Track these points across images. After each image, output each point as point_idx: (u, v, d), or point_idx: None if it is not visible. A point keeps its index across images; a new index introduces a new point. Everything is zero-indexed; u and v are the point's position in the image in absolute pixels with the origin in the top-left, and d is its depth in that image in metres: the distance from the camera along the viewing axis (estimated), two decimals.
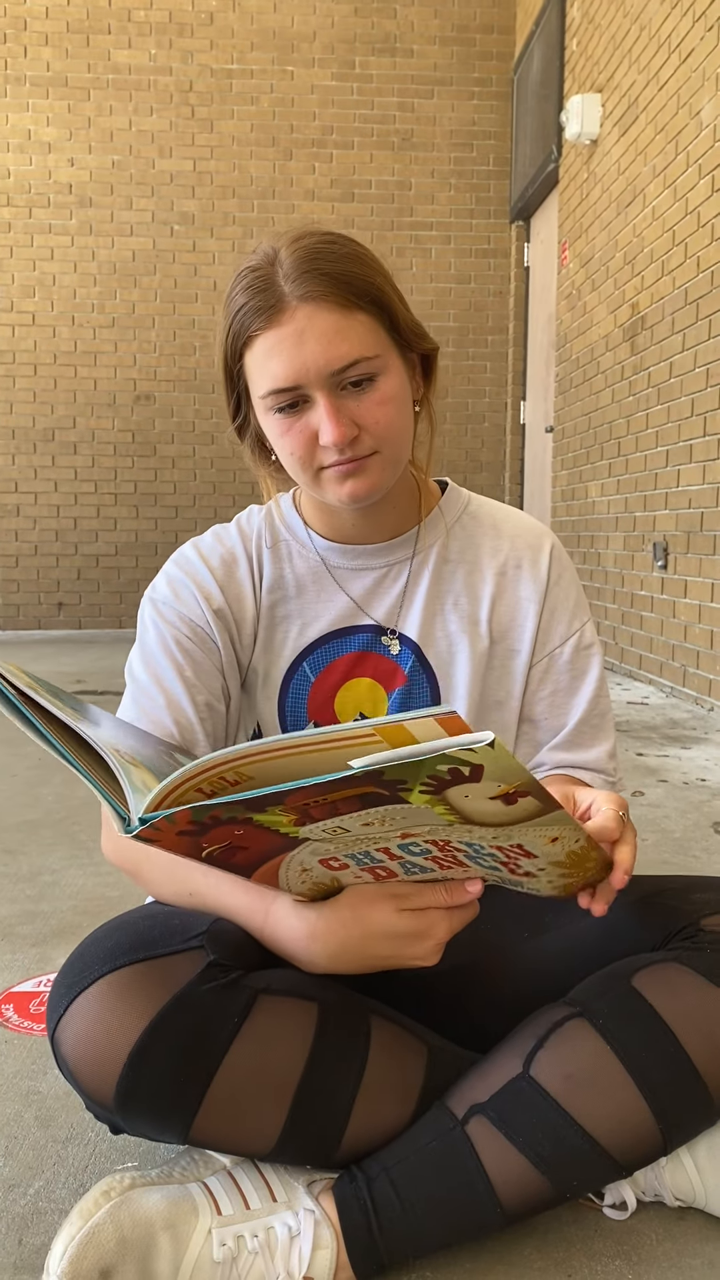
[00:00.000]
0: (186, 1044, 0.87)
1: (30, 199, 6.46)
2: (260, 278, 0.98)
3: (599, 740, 1.15)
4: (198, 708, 1.06)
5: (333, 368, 0.97)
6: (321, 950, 0.89)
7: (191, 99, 6.45)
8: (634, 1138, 0.90)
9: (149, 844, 0.73)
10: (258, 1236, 0.88)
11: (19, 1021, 1.44)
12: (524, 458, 6.82)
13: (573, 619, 1.15)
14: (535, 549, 1.15)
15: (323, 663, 1.12)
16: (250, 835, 0.74)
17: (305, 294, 0.96)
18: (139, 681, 1.08)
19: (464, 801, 0.67)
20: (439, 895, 0.86)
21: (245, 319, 0.98)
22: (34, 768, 3.01)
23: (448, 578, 1.13)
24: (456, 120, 6.59)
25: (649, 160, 4.30)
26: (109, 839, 1.06)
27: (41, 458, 6.61)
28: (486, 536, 1.15)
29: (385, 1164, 0.92)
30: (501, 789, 0.66)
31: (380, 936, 0.87)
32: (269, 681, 1.12)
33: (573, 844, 0.76)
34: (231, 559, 1.13)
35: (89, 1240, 0.82)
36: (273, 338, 0.97)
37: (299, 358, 0.97)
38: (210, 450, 6.66)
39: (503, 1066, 0.94)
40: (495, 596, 1.13)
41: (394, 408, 1.01)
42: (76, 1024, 0.88)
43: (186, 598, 1.10)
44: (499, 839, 0.73)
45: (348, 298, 0.97)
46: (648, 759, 3.06)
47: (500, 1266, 0.95)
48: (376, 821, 0.72)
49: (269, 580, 1.12)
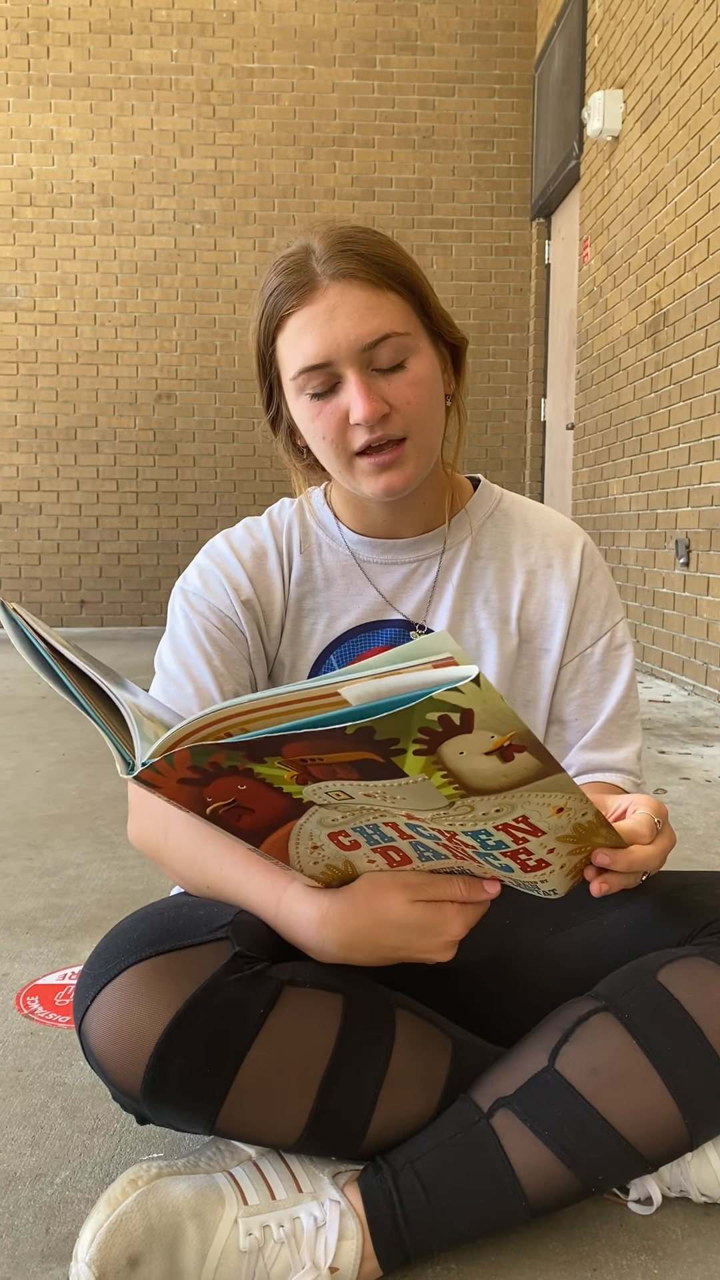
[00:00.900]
0: (213, 1035, 0.87)
1: (53, 198, 6.50)
2: (294, 261, 1.00)
3: (626, 741, 1.15)
4: (225, 697, 1.07)
5: (364, 342, 0.97)
6: (331, 937, 0.87)
7: (213, 98, 6.46)
8: (659, 1133, 0.90)
9: (152, 789, 0.72)
10: (284, 1227, 0.88)
11: (44, 1014, 1.45)
12: (544, 455, 6.81)
13: (604, 619, 1.15)
14: (567, 548, 1.15)
15: (350, 656, 1.12)
16: (254, 792, 0.72)
17: (337, 272, 0.97)
18: (168, 671, 1.09)
19: (460, 759, 0.65)
20: (456, 889, 0.85)
21: (278, 299, 1.00)
22: (57, 764, 3.03)
23: (478, 574, 1.13)
24: (477, 117, 6.58)
25: (671, 156, 4.28)
26: (136, 826, 1.06)
27: (64, 456, 6.65)
28: (518, 534, 1.15)
29: (410, 1156, 0.92)
30: (495, 741, 0.63)
31: (392, 926, 0.85)
32: (295, 673, 1.12)
33: (579, 816, 0.74)
34: (262, 551, 1.13)
35: (117, 1228, 0.83)
36: (305, 315, 0.98)
37: (330, 333, 0.97)
38: (231, 448, 6.67)
39: (528, 1060, 0.94)
40: (525, 594, 1.13)
41: (425, 390, 1.01)
42: (104, 1015, 0.88)
43: (216, 588, 1.11)
44: (503, 813, 0.71)
45: (379, 276, 0.98)
46: (669, 757, 3.05)
47: (525, 1260, 0.95)
48: (379, 795, 0.70)
49: (298, 573, 1.13)
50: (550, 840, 0.76)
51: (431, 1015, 1.01)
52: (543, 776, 0.68)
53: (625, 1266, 0.95)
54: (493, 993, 1.07)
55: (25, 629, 0.77)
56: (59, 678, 0.76)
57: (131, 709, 0.75)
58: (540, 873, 0.80)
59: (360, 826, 0.78)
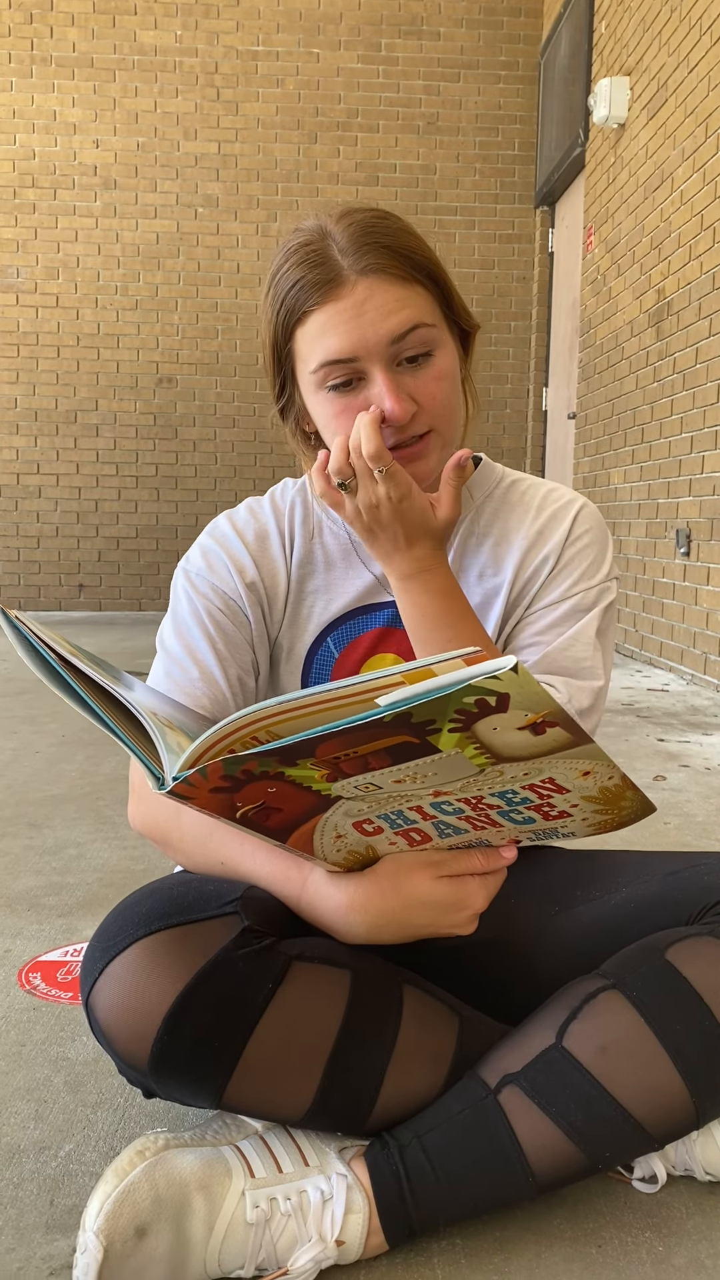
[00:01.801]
0: (221, 1008, 0.87)
1: (55, 180, 6.47)
2: (314, 252, 0.97)
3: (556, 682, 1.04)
4: (230, 681, 1.06)
5: (393, 334, 0.96)
6: (360, 920, 0.89)
7: (217, 81, 6.43)
8: (667, 1110, 0.90)
9: (183, 801, 0.73)
10: (290, 1199, 0.88)
11: (47, 990, 1.45)
12: (545, 444, 6.80)
13: (581, 579, 1.09)
14: (564, 510, 1.11)
15: (347, 638, 1.12)
16: (283, 793, 0.73)
17: (365, 267, 0.96)
18: (171, 653, 1.08)
19: (493, 734, 0.66)
20: (475, 861, 0.87)
21: (299, 295, 0.97)
22: (56, 745, 3.03)
23: (473, 550, 1.12)
24: (482, 104, 6.55)
25: (678, 144, 4.26)
26: (138, 809, 1.06)
27: (63, 440, 6.63)
28: (517, 509, 1.13)
29: (417, 1131, 0.92)
30: (529, 718, 0.65)
31: (419, 905, 0.87)
32: (293, 656, 1.12)
33: (605, 780, 0.75)
34: (264, 533, 1.12)
35: (125, 1198, 0.83)
36: (330, 311, 0.96)
37: (358, 329, 0.96)
38: (232, 434, 6.66)
39: (535, 1037, 0.94)
40: (520, 566, 1.11)
41: (449, 384, 1.01)
42: (111, 987, 0.88)
43: (220, 569, 1.10)
44: (530, 775, 0.72)
45: (407, 270, 0.97)
46: (669, 745, 3.05)
47: (530, 1236, 0.96)
48: (408, 778, 0.72)
49: (299, 555, 1.12)
50: (575, 798, 0.77)
51: (439, 992, 1.01)
52: (572, 747, 0.69)
53: (630, 1243, 0.95)
54: (499, 973, 1.07)
55: (30, 636, 0.77)
56: (70, 687, 0.77)
57: (153, 720, 0.76)
58: (562, 820, 0.81)
59: (385, 813, 0.79)
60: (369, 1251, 0.91)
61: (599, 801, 0.79)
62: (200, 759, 0.69)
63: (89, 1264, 0.80)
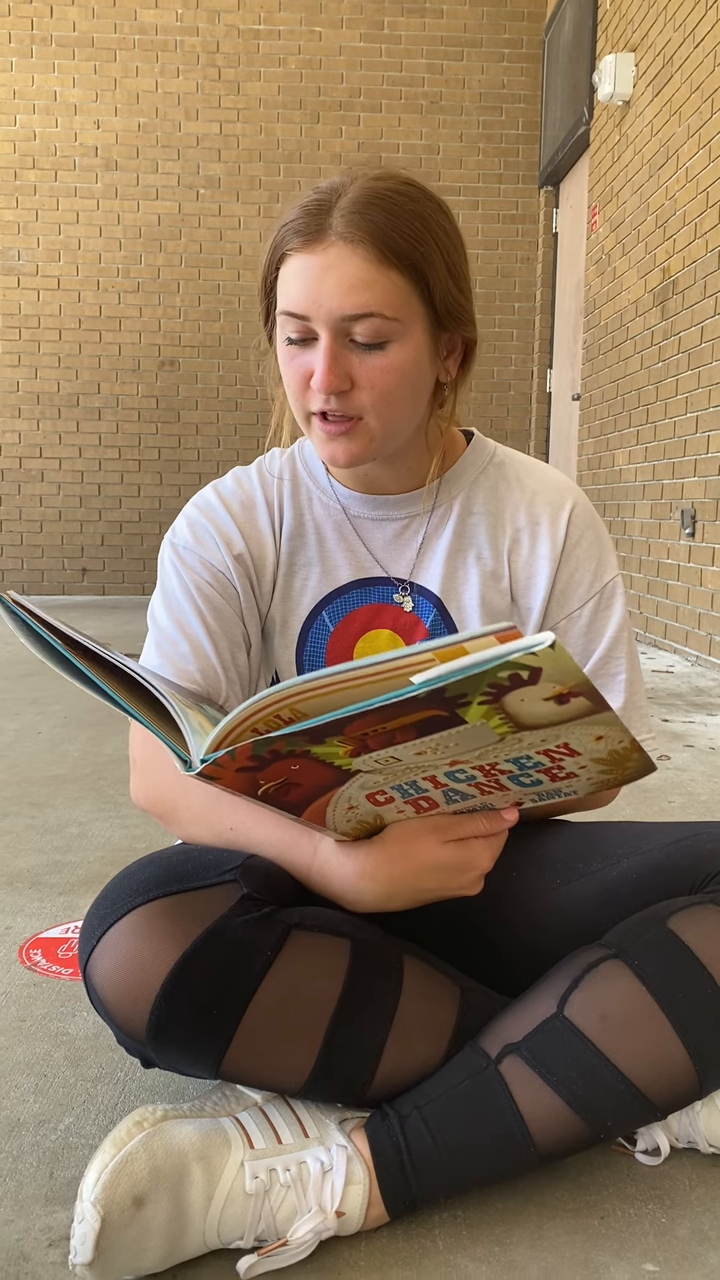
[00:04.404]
0: (219, 976, 0.86)
1: (56, 162, 6.43)
2: (317, 201, 0.95)
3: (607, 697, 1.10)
4: (221, 654, 1.05)
5: (344, 312, 0.93)
6: (371, 888, 0.89)
7: (218, 60, 6.38)
8: (670, 1079, 0.89)
9: (210, 782, 0.74)
10: (290, 1170, 0.88)
11: (47, 966, 1.44)
12: (549, 426, 6.76)
13: (594, 580, 1.10)
14: (556, 507, 1.10)
15: (342, 612, 1.10)
16: (306, 770, 0.74)
17: (345, 234, 0.93)
18: (162, 628, 1.07)
19: (520, 706, 0.68)
20: (479, 825, 0.88)
21: (286, 234, 0.96)
22: (59, 726, 3.02)
23: (471, 531, 1.10)
24: (486, 83, 6.49)
25: (683, 120, 4.22)
26: (141, 783, 1.05)
27: (66, 423, 6.61)
28: (510, 489, 1.11)
29: (418, 1102, 0.91)
30: (556, 689, 0.67)
31: (428, 869, 0.88)
32: (287, 630, 1.11)
33: (616, 743, 0.76)
34: (251, 503, 1.10)
35: (122, 1168, 0.82)
36: (301, 261, 0.95)
37: (316, 291, 0.94)
38: (234, 416, 6.63)
39: (537, 1007, 0.93)
40: (513, 551, 1.09)
41: (397, 379, 0.96)
42: (109, 955, 0.87)
43: (207, 542, 1.08)
44: (547, 741, 0.74)
45: (385, 253, 0.93)
46: (673, 725, 3.04)
47: (532, 1207, 0.95)
48: (429, 750, 0.73)
49: (289, 527, 1.10)
50: (585, 760, 0.78)
51: (440, 964, 1.00)
52: (592, 714, 0.71)
53: (633, 1215, 0.94)
54: (501, 946, 1.06)
55: (32, 622, 0.76)
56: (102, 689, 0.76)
57: (173, 699, 0.76)
58: (568, 781, 0.82)
59: (399, 784, 0.80)
60: (370, 1223, 0.90)
61: (606, 763, 0.79)
62: (226, 739, 0.70)
63: (86, 1233, 0.80)
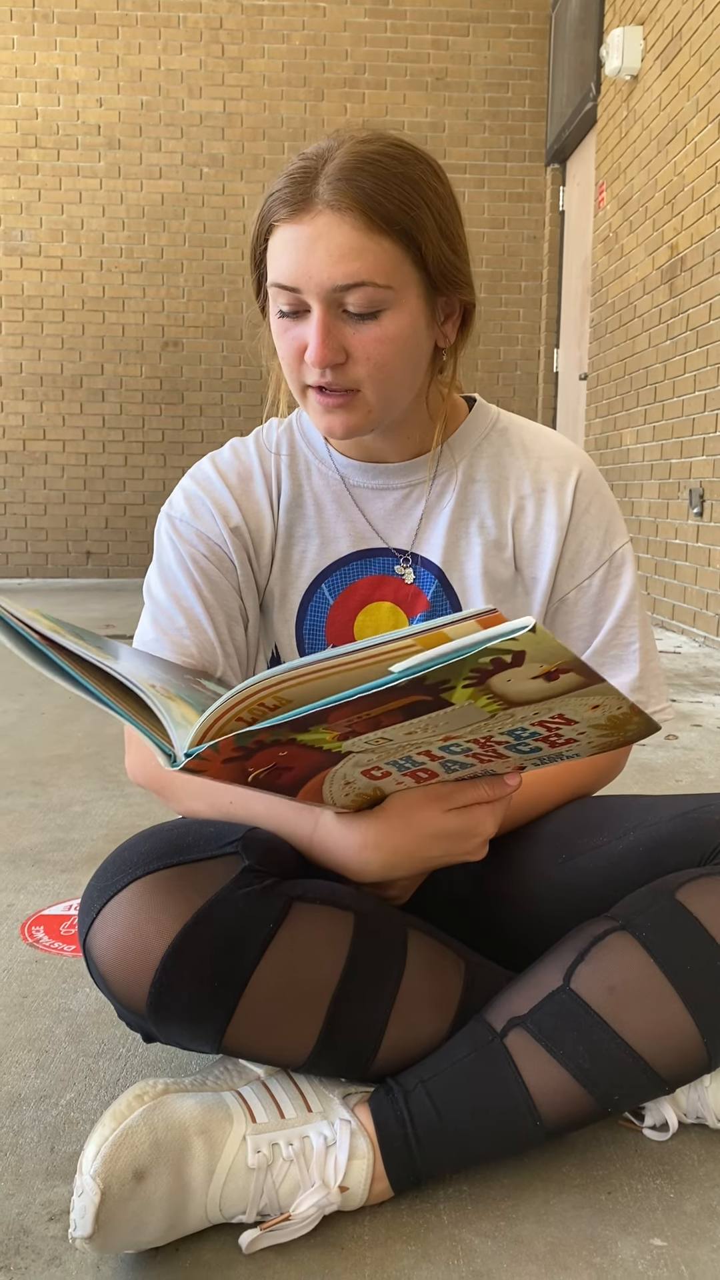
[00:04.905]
0: (221, 948, 0.85)
1: (58, 140, 6.38)
2: (303, 169, 0.93)
3: (620, 671, 1.08)
4: (217, 628, 1.03)
5: (335, 283, 0.91)
6: (374, 858, 0.88)
7: (222, 36, 6.31)
8: (678, 1052, 0.88)
9: (196, 774, 0.73)
10: (293, 1145, 0.87)
11: (49, 943, 1.43)
12: (556, 406, 6.72)
13: (603, 549, 1.08)
14: (563, 473, 1.07)
15: (342, 585, 1.08)
16: (294, 755, 0.73)
17: (332, 202, 0.90)
18: (158, 601, 1.05)
19: (506, 686, 0.66)
20: (482, 791, 0.87)
21: (273, 205, 0.93)
22: (63, 707, 3.01)
23: (473, 499, 1.08)
24: (492, 59, 6.43)
25: (692, 94, 4.17)
26: (136, 759, 1.04)
27: (69, 405, 6.58)
28: (515, 456, 1.08)
29: (422, 1076, 0.90)
30: (544, 668, 0.65)
31: (431, 837, 0.87)
32: (286, 603, 1.09)
33: (615, 710, 0.74)
34: (248, 474, 1.08)
35: (122, 1141, 0.81)
36: (290, 233, 0.92)
37: (306, 262, 0.91)
38: (238, 398, 6.60)
39: (543, 980, 0.92)
40: (518, 520, 1.07)
41: (393, 349, 0.94)
42: (109, 928, 0.86)
43: (204, 514, 1.06)
44: (540, 714, 0.72)
45: (375, 220, 0.90)
46: (681, 705, 3.02)
47: (538, 1182, 0.94)
48: (419, 730, 0.72)
49: (287, 498, 1.08)
50: (583, 727, 0.76)
51: (444, 938, 0.98)
52: (584, 687, 0.69)
53: (640, 1190, 0.93)
54: (506, 922, 1.05)
55: (33, 639, 0.75)
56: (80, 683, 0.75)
57: (151, 693, 0.75)
58: (567, 746, 0.81)
59: (394, 760, 0.79)
60: (374, 1198, 0.89)
61: (606, 728, 0.78)
62: (209, 732, 0.69)
63: (86, 1206, 0.78)
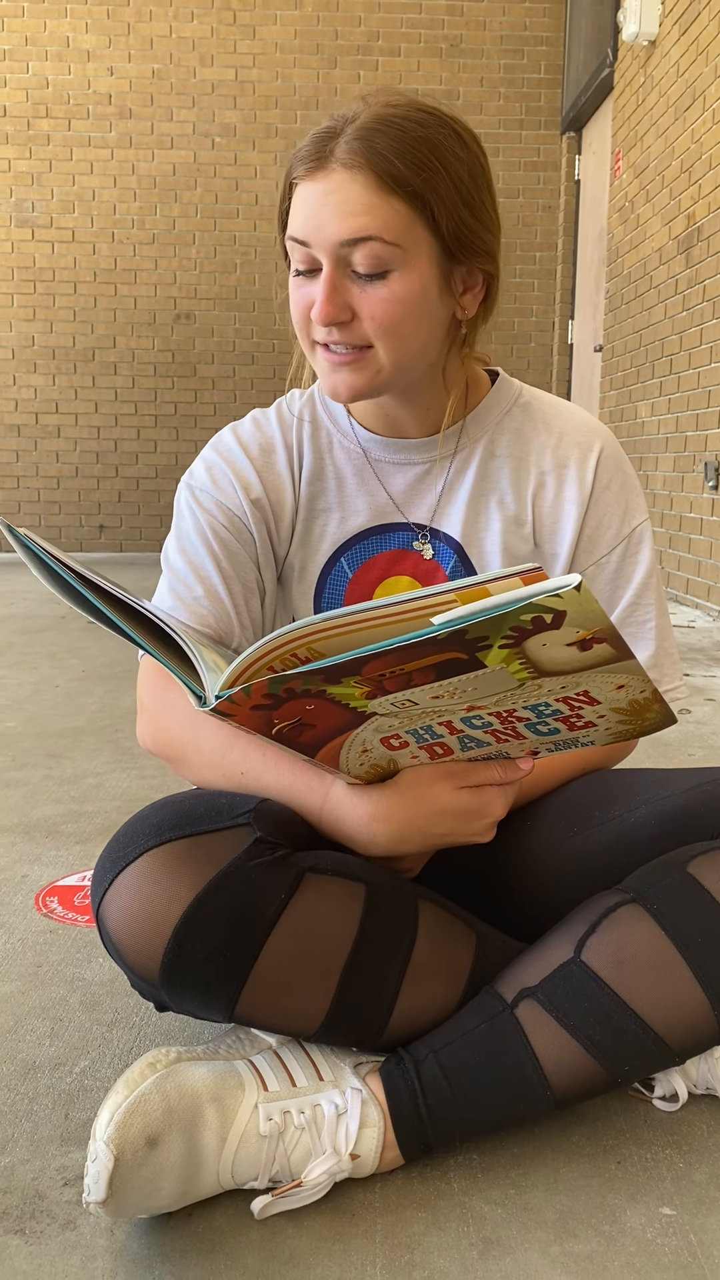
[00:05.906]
0: (233, 918, 0.85)
1: (69, 110, 6.32)
2: (328, 130, 0.93)
3: (635, 649, 1.07)
4: (234, 599, 1.04)
5: (342, 236, 0.91)
6: (383, 830, 0.88)
7: (233, 4, 6.24)
8: (688, 1023, 0.88)
9: (224, 719, 0.74)
10: (304, 1113, 0.87)
11: (63, 913, 1.44)
12: (571, 378, 6.67)
13: (622, 525, 1.08)
14: (585, 449, 1.07)
15: (361, 558, 1.08)
16: (320, 710, 0.73)
17: (346, 160, 0.91)
18: (176, 570, 1.05)
19: (540, 650, 0.66)
20: (494, 772, 0.87)
21: (295, 163, 0.94)
22: (76, 680, 3.02)
23: (494, 474, 1.07)
24: (507, 25, 6.33)
25: (711, 59, 4.10)
26: (148, 726, 1.03)
27: (82, 378, 6.56)
28: (537, 431, 1.08)
29: (433, 1046, 0.91)
30: (579, 634, 0.65)
31: (441, 814, 0.88)
32: (305, 576, 1.09)
33: (637, 693, 0.74)
34: (270, 446, 1.08)
35: (135, 1108, 0.82)
36: (306, 189, 0.93)
37: (315, 219, 0.92)
38: (251, 370, 6.57)
39: (553, 951, 0.92)
40: (538, 495, 1.07)
41: (400, 310, 0.93)
42: (122, 897, 0.86)
43: (225, 485, 1.06)
44: (567, 689, 0.72)
45: (385, 179, 0.90)
46: (694, 679, 3.01)
47: (548, 1152, 0.94)
48: (446, 694, 0.72)
49: (309, 471, 1.08)
50: (604, 709, 0.76)
51: (455, 909, 0.99)
52: (614, 662, 0.69)
53: (650, 1160, 0.94)
54: (520, 896, 1.05)
55: (45, 555, 0.76)
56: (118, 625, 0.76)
57: (188, 636, 0.76)
58: (585, 730, 0.80)
59: (414, 728, 0.79)
60: (384, 1166, 0.90)
61: (626, 713, 0.77)
62: (242, 676, 0.70)
63: (100, 1172, 0.79)
